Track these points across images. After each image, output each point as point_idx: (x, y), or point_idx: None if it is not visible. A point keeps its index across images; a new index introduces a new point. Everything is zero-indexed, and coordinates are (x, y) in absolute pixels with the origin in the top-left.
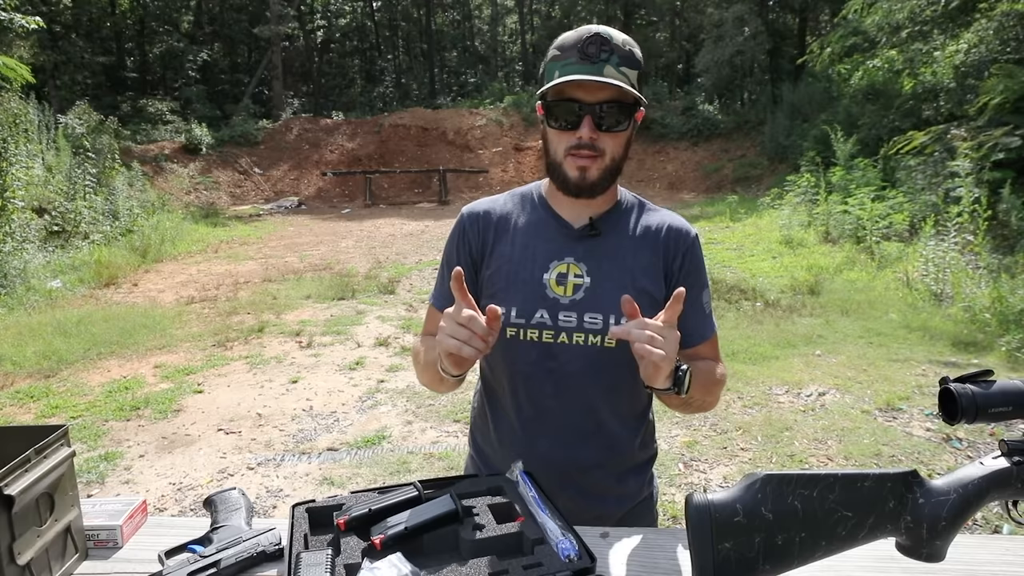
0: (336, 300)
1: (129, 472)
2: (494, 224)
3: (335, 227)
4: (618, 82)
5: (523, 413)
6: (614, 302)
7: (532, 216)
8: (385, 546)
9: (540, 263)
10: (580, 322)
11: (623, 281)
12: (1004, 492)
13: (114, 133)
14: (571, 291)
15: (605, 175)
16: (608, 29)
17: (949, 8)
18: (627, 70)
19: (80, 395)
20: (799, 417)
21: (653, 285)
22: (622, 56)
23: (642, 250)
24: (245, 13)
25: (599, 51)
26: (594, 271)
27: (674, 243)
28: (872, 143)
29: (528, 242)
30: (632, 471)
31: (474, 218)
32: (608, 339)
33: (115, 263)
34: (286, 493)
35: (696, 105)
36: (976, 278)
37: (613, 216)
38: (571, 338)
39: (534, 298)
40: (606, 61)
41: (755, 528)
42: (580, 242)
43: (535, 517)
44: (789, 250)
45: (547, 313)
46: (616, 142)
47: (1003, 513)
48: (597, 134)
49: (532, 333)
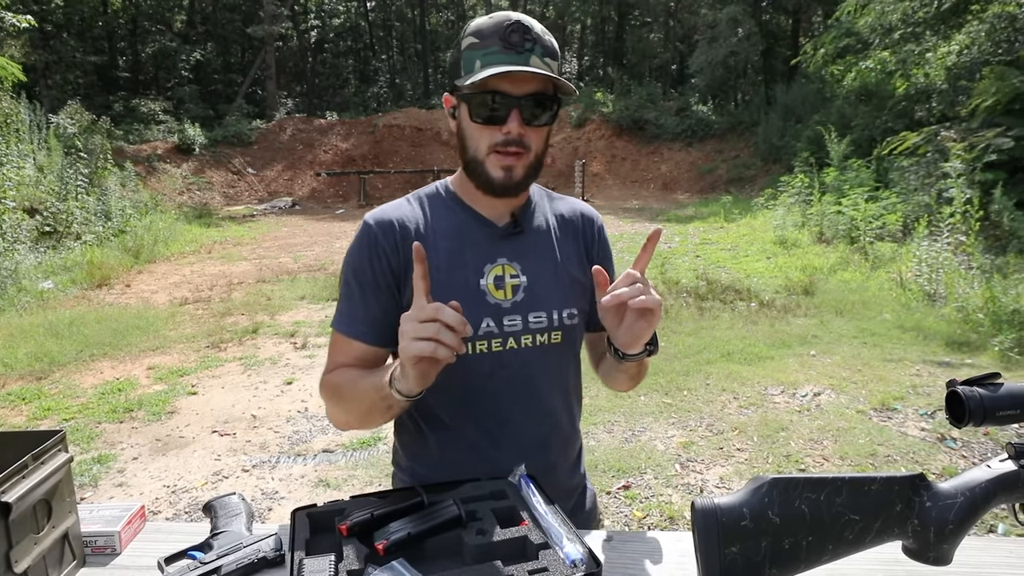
0: (331, 301)
1: (123, 475)
2: (411, 233)
3: (329, 227)
4: (550, 73)
5: (481, 428)
6: (553, 296)
7: (451, 219)
8: (388, 552)
9: (473, 269)
10: (525, 323)
11: (557, 274)
12: (1012, 495)
13: (106, 133)
14: (511, 293)
15: (530, 172)
16: (526, 16)
17: (941, 10)
18: (550, 61)
19: (72, 397)
20: (795, 417)
21: (581, 273)
22: (544, 46)
23: (564, 240)
24: (238, 13)
25: (523, 40)
26: (528, 269)
27: (588, 228)
28: (865, 144)
29: (454, 248)
30: (577, 458)
31: (386, 228)
32: (554, 335)
33: (107, 264)
34: (281, 495)
35: (690, 106)
36: (969, 278)
37: (529, 210)
38: (519, 342)
39: (477, 307)
40: (531, 51)
41: (762, 532)
42: (507, 241)
43: (539, 521)
44: (783, 250)
45: (492, 321)
46: (540, 137)
47: (1011, 516)
48: (524, 129)
49: (481, 345)
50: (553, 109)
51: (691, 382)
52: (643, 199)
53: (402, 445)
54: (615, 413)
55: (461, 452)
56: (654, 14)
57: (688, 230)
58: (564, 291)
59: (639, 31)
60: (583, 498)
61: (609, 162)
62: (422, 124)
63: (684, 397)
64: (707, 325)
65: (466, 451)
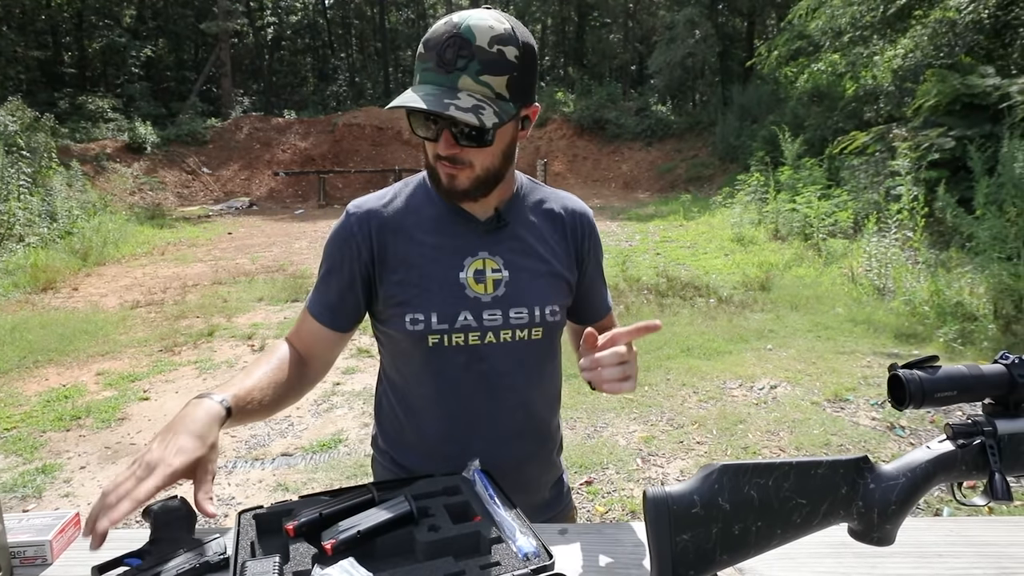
0: (290, 302)
1: (69, 485)
2: (388, 224)
3: (288, 228)
4: (458, 111)
5: (455, 420)
6: (535, 292)
7: (433, 211)
8: (336, 551)
9: (454, 262)
10: (506, 319)
11: (539, 270)
12: (950, 474)
13: (50, 131)
14: (492, 287)
15: (477, 184)
16: (479, 21)
17: (887, 15)
18: (490, 78)
19: (14, 405)
20: (752, 410)
21: (567, 270)
22: (485, 62)
23: (551, 235)
24: (191, 8)
25: (456, 57)
26: (510, 263)
27: (580, 225)
28: (817, 143)
29: (436, 240)
30: (555, 453)
31: (363, 219)
32: (535, 332)
33: (53, 267)
34: (238, 501)
35: (649, 106)
36: (915, 273)
37: (515, 203)
38: (498, 336)
39: (454, 300)
40: (462, 70)
41: (712, 519)
42: (490, 235)
43: (492, 516)
44: (741, 247)
45: (471, 314)
46: (487, 154)
47: (949, 494)
48: (458, 148)
49: (457, 337)
50: (490, 130)
51: (652, 377)
52: (605, 198)
53: (382, 431)
54: (577, 409)
55: (438, 442)
56: (613, 15)
57: (648, 228)
58: (548, 288)
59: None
60: (560, 489)
61: (571, 161)
62: (383, 123)
63: (645, 392)
64: (667, 321)
65: (442, 442)
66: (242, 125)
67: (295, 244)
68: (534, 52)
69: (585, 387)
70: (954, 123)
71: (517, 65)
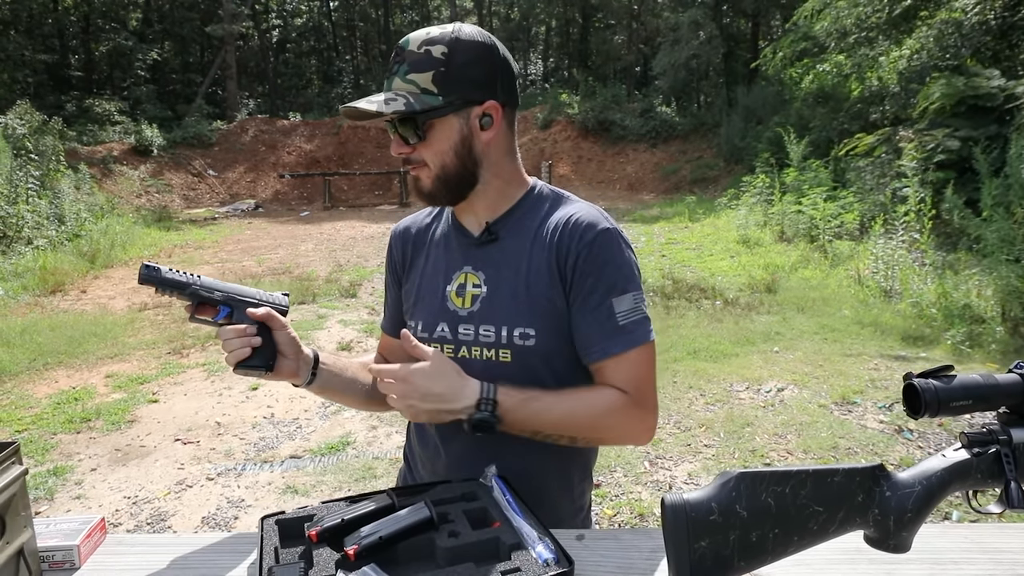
0: (296, 304)
1: (80, 487)
2: (412, 240)
3: (294, 230)
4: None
5: (439, 427)
6: (509, 312)
7: (443, 228)
8: (359, 556)
9: (444, 275)
10: (476, 335)
11: (517, 288)
12: (965, 483)
13: (58, 134)
14: (469, 302)
15: (439, 184)
16: (420, 31)
17: (893, 15)
18: (416, 75)
19: (25, 408)
20: (759, 413)
21: (551, 289)
22: (412, 61)
23: (538, 252)
24: (196, 11)
25: (393, 63)
26: (491, 280)
27: (568, 239)
28: (823, 145)
29: (436, 253)
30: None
31: (396, 236)
32: (503, 353)
33: (61, 269)
34: (248, 503)
35: (654, 107)
36: (922, 275)
37: (515, 217)
38: (470, 352)
39: (436, 311)
40: (395, 73)
41: (730, 526)
42: (479, 249)
43: (511, 522)
44: (746, 249)
45: (447, 326)
46: (433, 150)
47: (964, 502)
48: (408, 147)
49: (435, 347)
50: (423, 125)
51: (659, 380)
52: (610, 200)
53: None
54: None
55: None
56: (617, 16)
57: (654, 230)
58: (521, 307)
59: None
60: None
61: (575, 163)
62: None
63: None
64: (673, 323)
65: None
66: (247, 127)
67: (301, 246)
68: (478, 48)
69: None
70: (960, 124)
71: (444, 61)
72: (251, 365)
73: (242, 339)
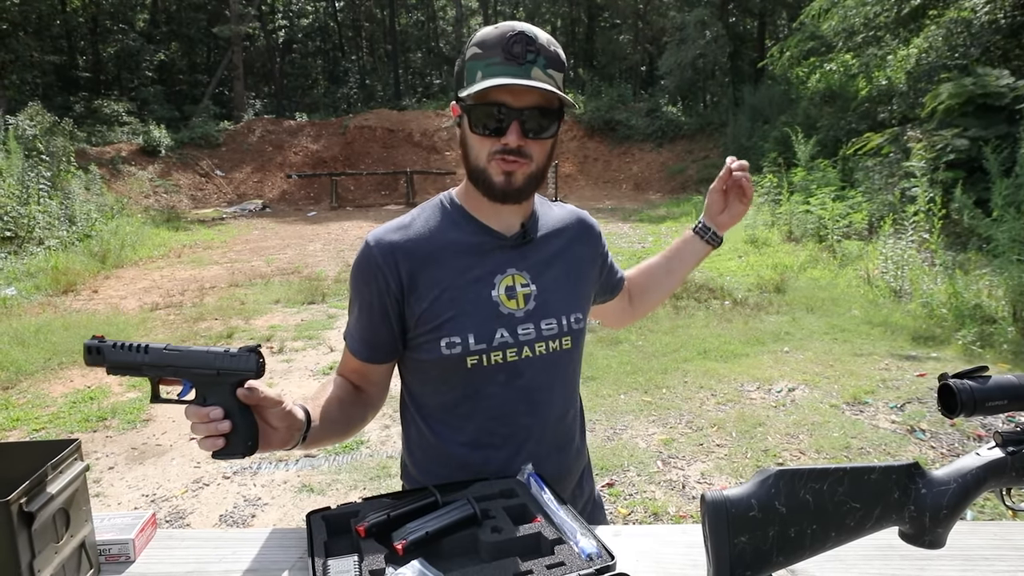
0: (306, 304)
1: (99, 485)
2: (414, 252)
3: (301, 230)
4: (549, 86)
5: (497, 438)
6: (562, 303)
7: (458, 233)
8: (407, 551)
9: (485, 281)
10: (538, 332)
11: (566, 281)
12: (1000, 480)
13: (69, 135)
14: (523, 302)
15: (530, 181)
16: (532, 27)
17: (901, 15)
18: (553, 72)
19: (42, 407)
20: (771, 413)
21: (588, 275)
22: (548, 58)
23: (573, 245)
24: (203, 12)
25: (525, 51)
26: (537, 276)
27: (595, 232)
28: (831, 144)
29: (465, 262)
30: (587, 469)
31: (387, 251)
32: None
33: (73, 269)
34: (264, 502)
35: (660, 107)
36: (932, 275)
37: (535, 218)
38: (534, 350)
39: (489, 319)
40: (532, 63)
41: (769, 522)
42: (517, 250)
43: (552, 518)
44: (755, 249)
45: (506, 331)
46: (542, 149)
47: (998, 500)
48: (524, 140)
49: (496, 356)
50: (555, 122)
51: (669, 380)
52: (616, 199)
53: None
54: (596, 412)
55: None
56: (623, 16)
57: (661, 230)
58: (572, 297)
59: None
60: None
61: (581, 163)
62: (393, 125)
63: (663, 395)
64: (683, 324)
65: (484, 462)
66: (254, 128)
67: (309, 246)
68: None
69: (605, 389)
70: (969, 124)
71: (566, 67)
72: (227, 455)
73: (207, 426)
